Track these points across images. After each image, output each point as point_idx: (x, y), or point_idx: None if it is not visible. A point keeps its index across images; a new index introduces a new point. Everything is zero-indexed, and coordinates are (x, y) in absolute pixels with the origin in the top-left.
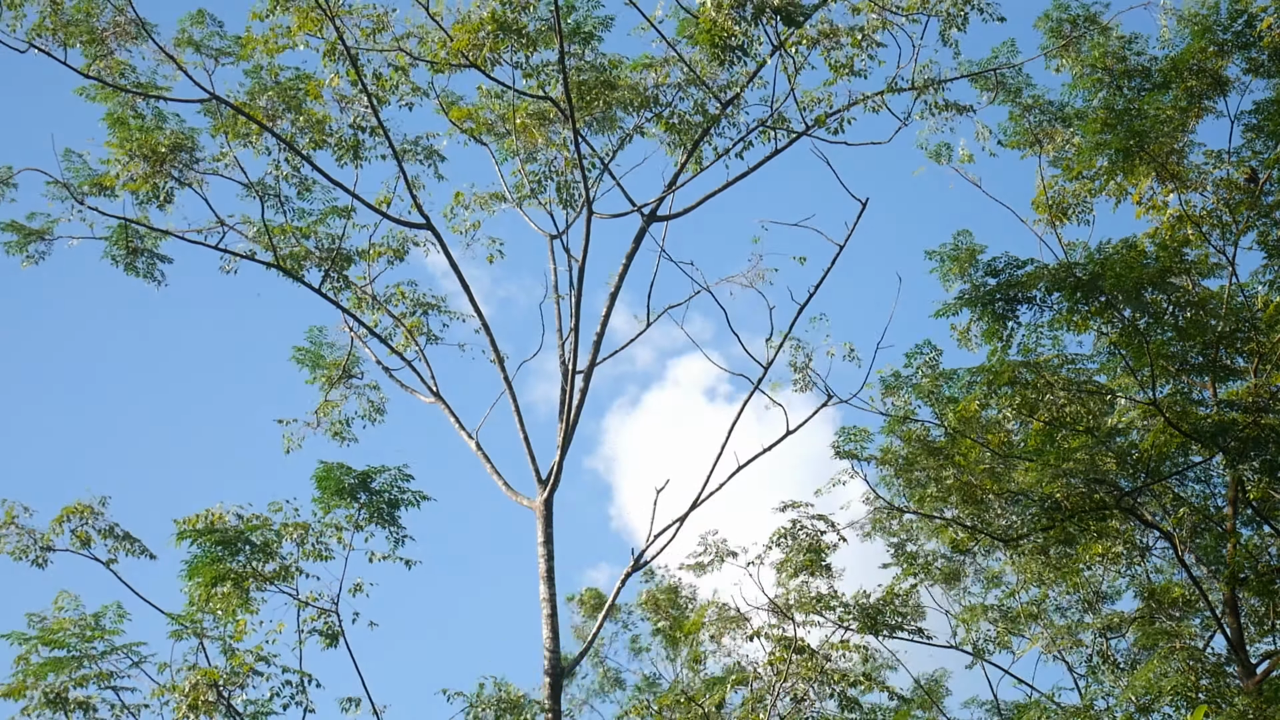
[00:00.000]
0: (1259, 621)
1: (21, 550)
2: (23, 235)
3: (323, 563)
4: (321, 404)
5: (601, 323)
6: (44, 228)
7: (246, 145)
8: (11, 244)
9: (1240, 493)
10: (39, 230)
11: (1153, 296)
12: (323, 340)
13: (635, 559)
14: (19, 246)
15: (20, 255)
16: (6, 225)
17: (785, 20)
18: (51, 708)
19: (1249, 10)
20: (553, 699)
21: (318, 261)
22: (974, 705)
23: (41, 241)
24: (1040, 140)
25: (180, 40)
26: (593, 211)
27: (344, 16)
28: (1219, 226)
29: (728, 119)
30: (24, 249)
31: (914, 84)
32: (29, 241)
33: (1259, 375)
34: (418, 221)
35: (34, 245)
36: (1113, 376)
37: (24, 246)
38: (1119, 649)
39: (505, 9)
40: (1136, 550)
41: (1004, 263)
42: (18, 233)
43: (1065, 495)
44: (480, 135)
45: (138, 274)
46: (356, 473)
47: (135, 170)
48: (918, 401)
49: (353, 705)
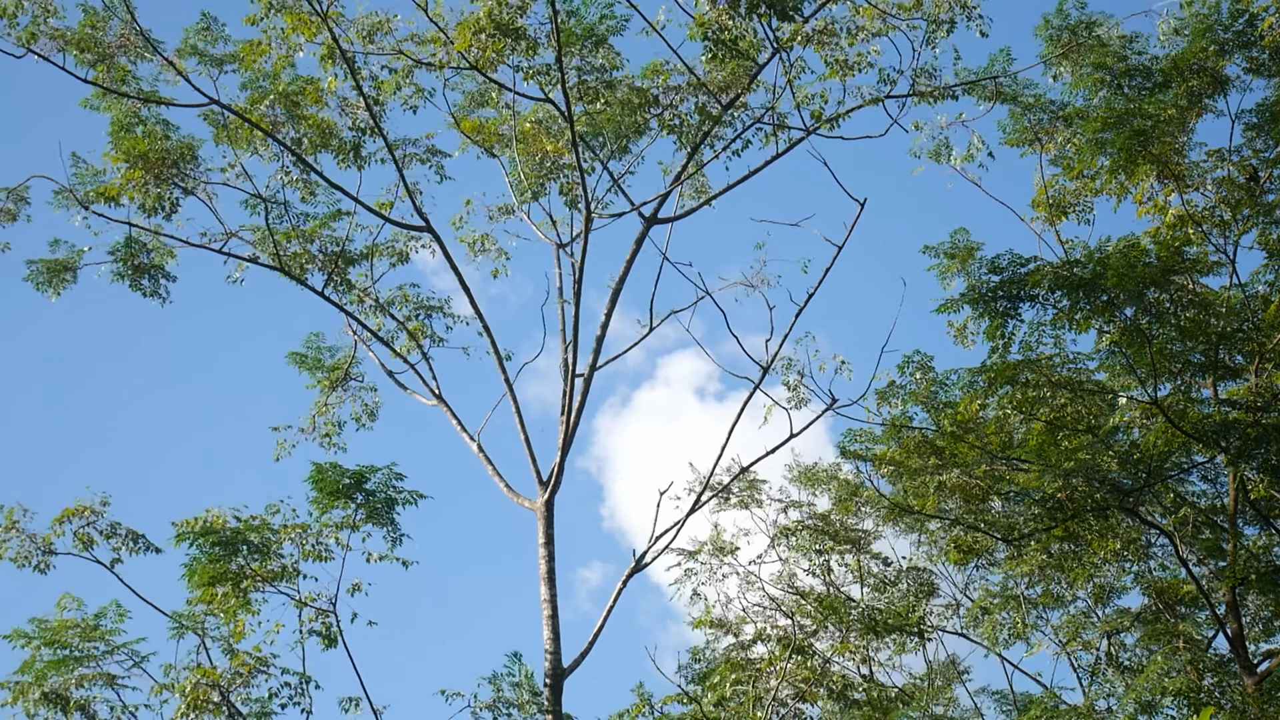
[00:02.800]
0: (1262, 621)
1: (24, 557)
2: (50, 270)
3: (321, 563)
4: (318, 405)
5: (602, 325)
6: (68, 258)
7: (251, 153)
8: (39, 280)
9: (1242, 492)
10: (64, 261)
11: (1155, 296)
12: (321, 345)
13: (637, 560)
14: (47, 281)
15: (47, 289)
16: (32, 264)
17: (780, 15)
18: (52, 707)
19: (1250, 10)
20: (553, 700)
21: (321, 265)
22: (983, 694)
23: (67, 272)
24: (1040, 139)
25: (184, 49)
26: (592, 214)
27: (339, 20)
28: (1219, 225)
29: (727, 122)
30: (51, 283)
31: (913, 88)
32: (55, 275)
33: (1260, 375)
34: (418, 224)
35: (58, 278)
36: (1113, 376)
37: (51, 280)
38: (1125, 646)
39: (502, 10)
40: (1140, 549)
41: (1007, 260)
42: (45, 267)
43: (1067, 495)
44: (491, 147)
45: (143, 292)
46: (351, 473)
47: (137, 178)
48: (915, 408)
49: (352, 705)
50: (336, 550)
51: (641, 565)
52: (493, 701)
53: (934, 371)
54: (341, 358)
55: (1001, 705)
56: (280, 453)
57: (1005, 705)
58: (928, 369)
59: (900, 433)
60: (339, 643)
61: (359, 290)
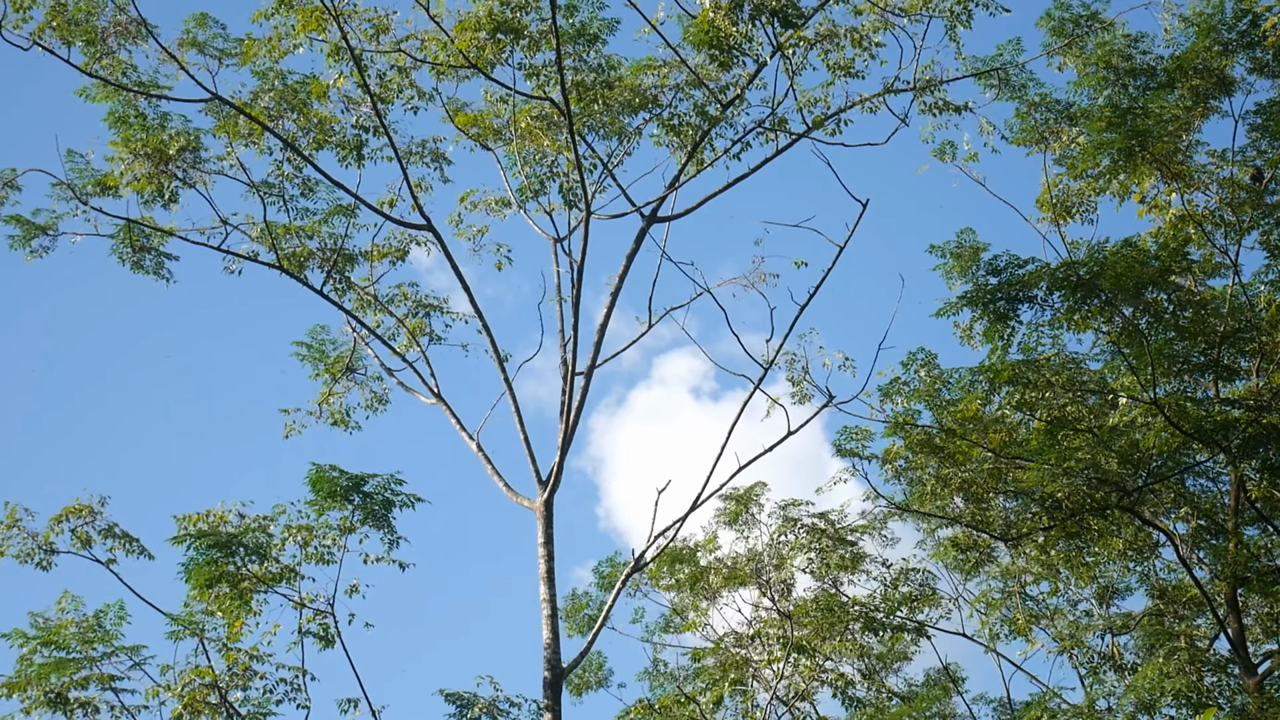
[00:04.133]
0: (1261, 621)
1: (26, 554)
2: (26, 230)
3: (320, 565)
4: (324, 394)
5: (601, 324)
6: (48, 223)
7: (249, 145)
8: (15, 238)
9: (1242, 492)
10: (42, 225)
11: (1153, 296)
12: (325, 338)
13: (636, 560)
14: (23, 241)
15: (24, 249)
16: (10, 219)
17: (782, 22)
18: (51, 708)
19: (1253, 10)
20: (553, 699)
21: (320, 262)
22: (981, 702)
23: (45, 236)
24: (1046, 138)
25: (184, 41)
26: (591, 212)
27: (348, 17)
28: (1222, 226)
29: (728, 121)
30: (27, 244)
31: (914, 86)
32: (32, 236)
33: (1261, 375)
34: (419, 222)
35: (37, 240)
36: (1114, 376)
37: (27, 241)
38: (1126, 647)
39: (504, 8)
40: (1145, 548)
41: (1005, 261)
42: (21, 226)
43: (1067, 494)
44: (486, 140)
45: (145, 271)
46: (349, 475)
47: (139, 169)
48: (918, 405)
49: (351, 706)
50: (334, 552)
51: (641, 565)
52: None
53: (938, 369)
54: (343, 352)
55: (999, 713)
56: (290, 431)
57: (1003, 712)
58: (932, 366)
59: (902, 429)
60: (336, 643)
61: (358, 288)
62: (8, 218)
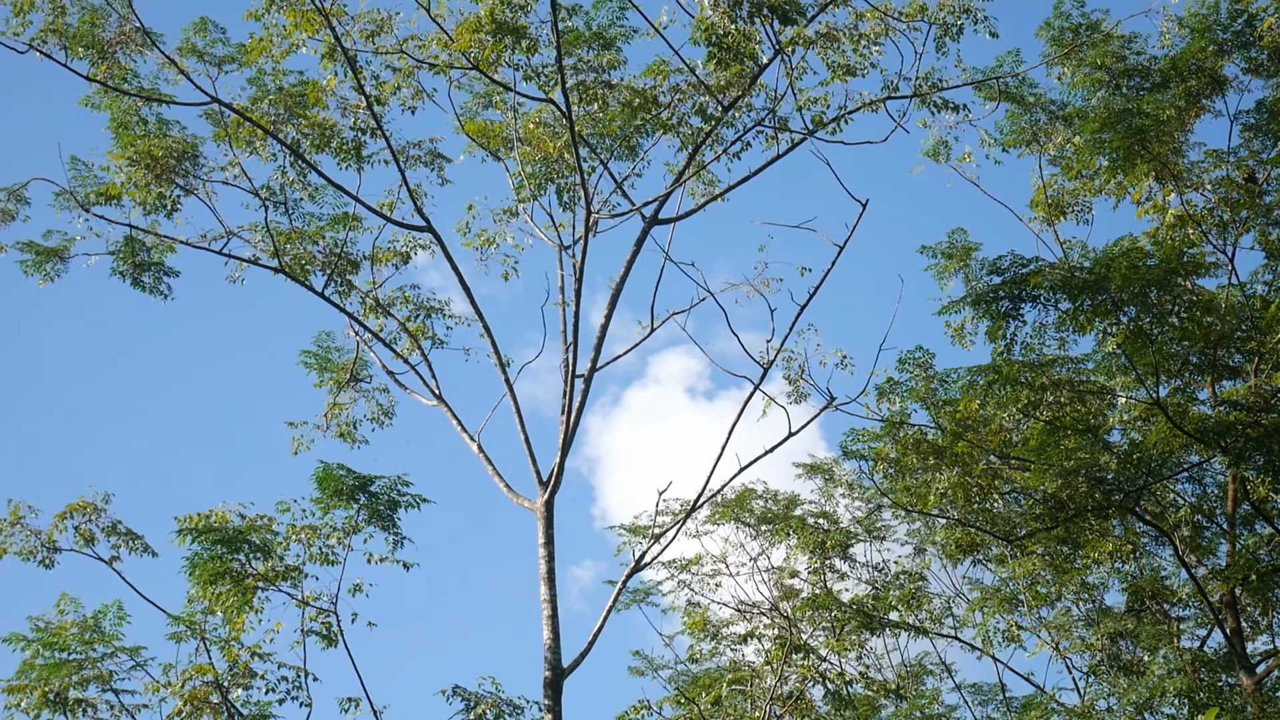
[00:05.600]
0: (1257, 621)
1: (29, 551)
2: (39, 255)
3: (324, 564)
4: (330, 406)
5: (602, 326)
6: (60, 246)
7: (251, 153)
8: (29, 264)
9: (1241, 492)
10: (55, 249)
11: (1157, 297)
12: (330, 345)
13: (637, 560)
14: (36, 266)
15: (37, 275)
16: (24, 245)
17: (782, 19)
18: (51, 708)
19: (1249, 10)
20: (553, 699)
21: (322, 266)
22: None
23: (58, 260)
24: (1038, 139)
25: (184, 49)
26: (592, 213)
27: (341, 18)
28: (1218, 226)
29: (728, 124)
30: (41, 268)
31: (915, 90)
32: (45, 261)
33: (1259, 375)
34: (419, 225)
35: (50, 264)
36: (1111, 376)
37: (41, 266)
38: (1121, 647)
39: (504, 9)
40: (1131, 550)
41: (1009, 261)
42: (35, 252)
43: (1067, 494)
44: (495, 149)
45: (144, 289)
46: (356, 476)
47: (139, 177)
48: (914, 405)
49: (352, 705)
50: (338, 551)
51: (640, 565)
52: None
53: (934, 369)
54: (348, 359)
55: (977, 697)
56: (298, 447)
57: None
58: (927, 366)
59: (897, 430)
60: (339, 642)
61: (360, 292)
62: (19, 243)
